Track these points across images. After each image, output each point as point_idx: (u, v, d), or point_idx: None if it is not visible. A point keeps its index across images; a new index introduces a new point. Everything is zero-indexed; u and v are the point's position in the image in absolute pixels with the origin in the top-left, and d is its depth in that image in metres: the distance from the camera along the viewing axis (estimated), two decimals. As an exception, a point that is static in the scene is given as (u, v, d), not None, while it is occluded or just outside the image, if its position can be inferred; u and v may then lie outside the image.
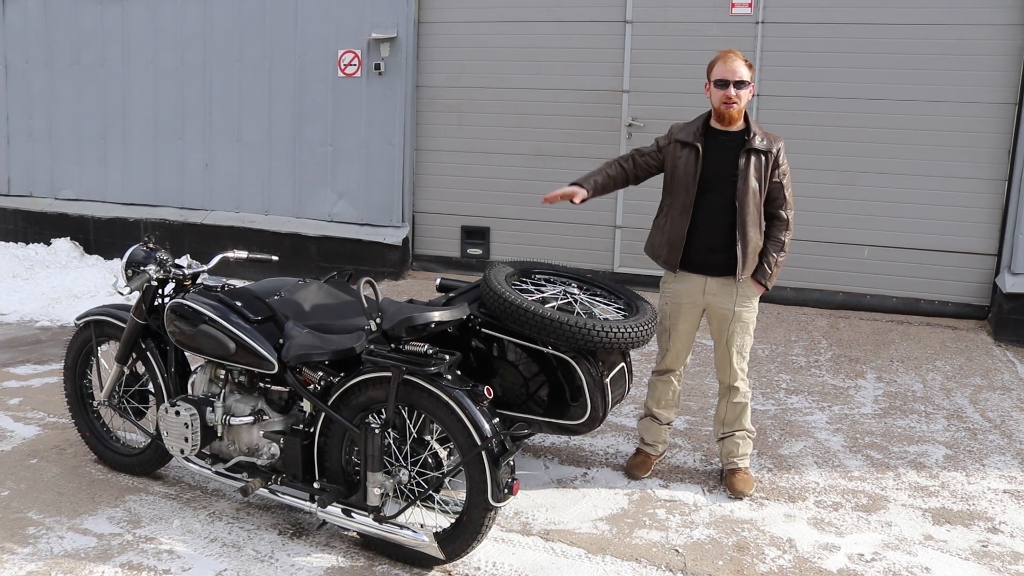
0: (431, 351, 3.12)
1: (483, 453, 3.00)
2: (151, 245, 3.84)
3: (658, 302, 4.00)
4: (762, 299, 3.97)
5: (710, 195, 3.75)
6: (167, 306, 3.59)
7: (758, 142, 3.71)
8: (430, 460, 3.18)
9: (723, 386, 3.95)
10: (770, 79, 6.73)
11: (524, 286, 3.81)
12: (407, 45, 7.53)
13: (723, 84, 3.68)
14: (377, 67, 7.58)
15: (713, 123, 3.79)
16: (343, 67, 7.72)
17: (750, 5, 6.74)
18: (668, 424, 4.08)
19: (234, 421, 3.47)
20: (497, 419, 3.13)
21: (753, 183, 3.70)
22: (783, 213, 3.78)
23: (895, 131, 6.53)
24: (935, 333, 6.26)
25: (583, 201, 3.80)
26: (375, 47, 7.58)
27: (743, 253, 3.73)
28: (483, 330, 3.61)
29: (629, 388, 3.88)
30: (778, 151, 3.74)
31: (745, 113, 3.79)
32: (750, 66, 3.73)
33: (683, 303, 3.88)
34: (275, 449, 3.43)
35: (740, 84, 3.66)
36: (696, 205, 3.77)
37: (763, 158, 3.71)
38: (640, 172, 3.91)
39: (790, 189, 3.79)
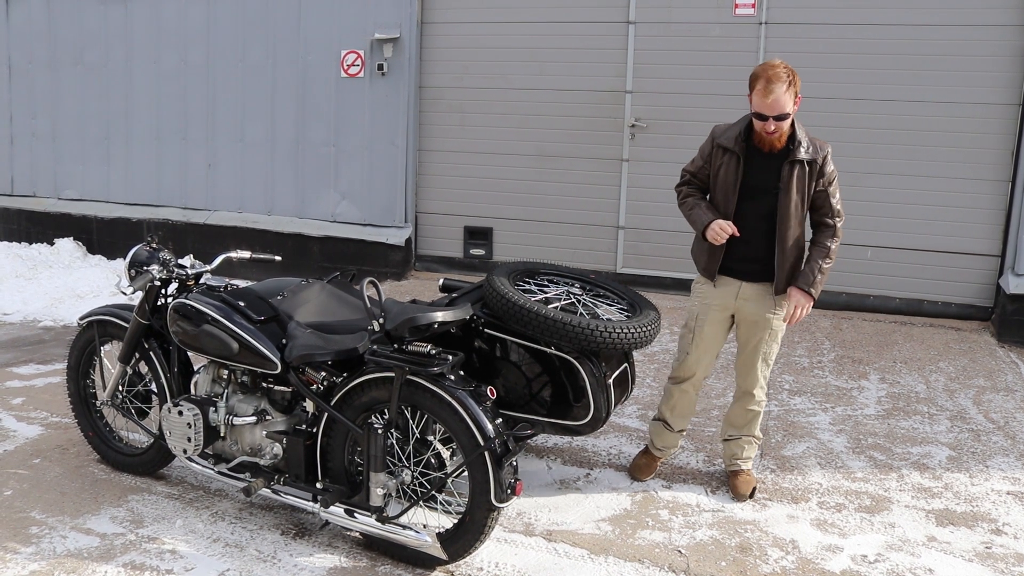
0: (434, 351, 3.12)
1: (486, 454, 3.00)
2: (154, 245, 3.84)
3: (688, 303, 3.89)
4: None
5: (751, 203, 3.61)
6: (170, 306, 3.60)
7: (802, 152, 3.51)
8: (433, 460, 3.18)
9: (740, 390, 3.87)
10: (773, 80, 6.72)
11: (527, 287, 3.81)
12: (410, 45, 7.53)
13: (762, 118, 3.44)
14: (380, 67, 7.59)
15: (756, 141, 3.57)
16: (346, 67, 7.72)
17: (753, 6, 6.74)
18: (681, 432, 4.01)
19: (237, 421, 3.47)
20: (500, 419, 3.12)
21: (795, 195, 3.55)
22: (829, 220, 3.64)
23: (898, 132, 6.52)
24: (938, 334, 6.25)
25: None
26: (378, 47, 7.59)
27: (780, 267, 3.61)
28: (486, 330, 3.61)
29: (632, 389, 3.88)
30: (824, 159, 3.56)
31: (792, 119, 3.54)
32: (791, 79, 3.40)
33: (713, 305, 3.76)
34: (278, 449, 3.44)
35: (781, 118, 3.42)
36: (736, 214, 3.62)
37: (807, 168, 3.55)
38: (707, 186, 3.78)
39: (837, 196, 3.62)
